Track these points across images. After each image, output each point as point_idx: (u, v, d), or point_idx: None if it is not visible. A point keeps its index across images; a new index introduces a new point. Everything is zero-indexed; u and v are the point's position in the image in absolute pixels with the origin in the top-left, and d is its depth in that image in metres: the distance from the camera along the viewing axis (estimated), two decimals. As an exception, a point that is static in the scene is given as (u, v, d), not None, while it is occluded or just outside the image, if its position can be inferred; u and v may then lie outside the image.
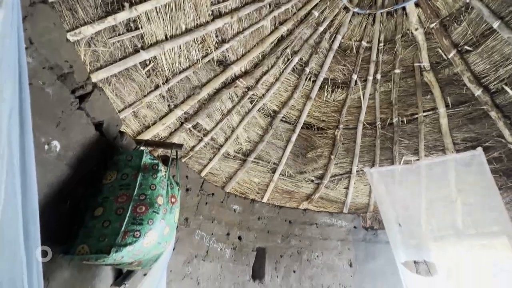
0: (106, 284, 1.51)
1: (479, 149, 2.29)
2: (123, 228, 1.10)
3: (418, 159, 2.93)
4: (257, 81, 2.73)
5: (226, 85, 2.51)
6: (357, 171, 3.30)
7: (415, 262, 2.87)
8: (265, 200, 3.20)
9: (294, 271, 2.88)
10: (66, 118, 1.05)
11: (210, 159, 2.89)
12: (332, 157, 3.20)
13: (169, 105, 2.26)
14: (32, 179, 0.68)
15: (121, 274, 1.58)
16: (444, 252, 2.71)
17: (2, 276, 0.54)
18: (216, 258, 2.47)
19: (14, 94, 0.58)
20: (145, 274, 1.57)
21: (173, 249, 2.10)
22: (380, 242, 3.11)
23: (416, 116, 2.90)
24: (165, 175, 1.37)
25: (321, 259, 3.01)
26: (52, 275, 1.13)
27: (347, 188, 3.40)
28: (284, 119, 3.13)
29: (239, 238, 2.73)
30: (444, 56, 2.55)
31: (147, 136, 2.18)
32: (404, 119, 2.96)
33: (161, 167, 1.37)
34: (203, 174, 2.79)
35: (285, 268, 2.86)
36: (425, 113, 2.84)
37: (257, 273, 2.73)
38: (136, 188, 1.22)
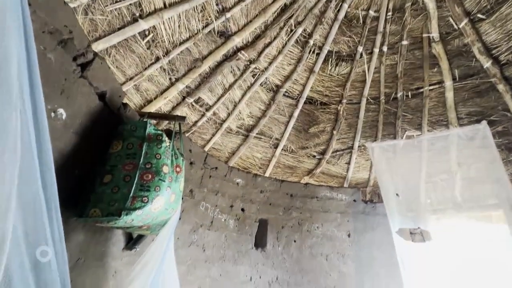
0: (118, 248, 1.61)
1: (484, 122, 2.28)
2: (131, 194, 1.15)
3: (420, 134, 2.92)
4: (259, 54, 2.66)
5: (227, 57, 2.45)
6: (358, 146, 3.32)
7: (410, 230, 2.98)
8: (267, 175, 3.27)
9: (294, 241, 3.02)
10: (69, 86, 1.06)
11: (213, 135, 2.91)
12: (335, 132, 3.20)
13: (170, 79, 2.24)
14: (46, 139, 0.67)
15: (132, 239, 1.67)
16: (440, 223, 2.80)
17: (27, 229, 0.57)
18: (221, 228, 2.58)
19: (21, 54, 0.57)
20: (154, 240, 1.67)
21: (180, 218, 2.21)
22: (379, 215, 3.21)
23: (422, 90, 2.84)
24: (169, 145, 1.40)
25: (320, 230, 3.13)
26: (68, 238, 1.20)
27: (348, 163, 3.44)
28: (286, 94, 3.10)
29: (242, 210, 2.84)
30: (455, 26, 2.44)
31: (149, 110, 2.18)
32: (409, 93, 2.91)
33: (165, 138, 1.40)
34: (206, 149, 2.83)
35: (286, 238, 3.00)
36: (431, 87, 2.78)
37: (260, 242, 2.87)
38: (142, 157, 1.26)
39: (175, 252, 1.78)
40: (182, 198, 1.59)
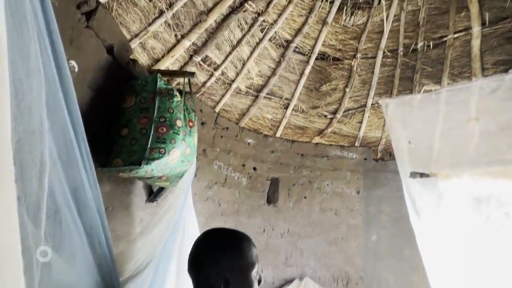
0: (142, 200, 1.74)
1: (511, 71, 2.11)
2: (149, 145, 1.20)
3: (439, 88, 2.77)
4: (268, 4, 2.47)
5: (234, 9, 2.30)
6: (372, 104, 3.21)
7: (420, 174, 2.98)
8: (278, 135, 3.28)
9: (305, 197, 3.15)
10: (77, 37, 1.04)
11: (222, 96, 2.88)
12: (347, 90, 3.09)
13: (176, 35, 2.15)
14: (70, 88, 0.67)
15: (153, 192, 1.80)
16: (451, 180, 2.80)
17: (70, 184, 0.59)
18: (234, 185, 2.71)
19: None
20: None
21: (195, 175, 2.32)
22: (389, 172, 3.24)
23: (445, 38, 2.61)
24: (180, 100, 1.41)
25: (330, 187, 3.23)
26: (95, 187, 1.31)
27: (360, 122, 3.38)
28: (297, 49, 2.94)
29: (254, 169, 2.93)
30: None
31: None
32: (431, 43, 2.69)
33: (176, 93, 1.40)
34: (216, 110, 2.82)
35: (297, 195, 3.13)
36: (456, 35, 2.54)
37: (271, 199, 3.01)
38: (156, 111, 1.28)
39: (193, 206, 1.90)
40: (197, 157, 1.65)
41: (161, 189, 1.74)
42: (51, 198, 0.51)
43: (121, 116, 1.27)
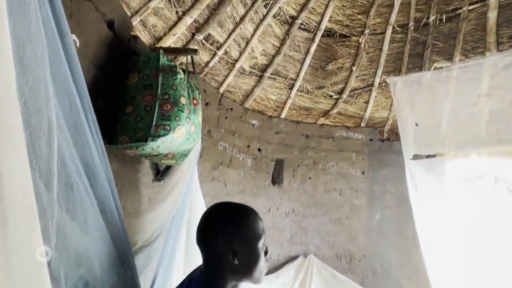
0: (149, 179, 1.78)
1: (528, 44, 2.01)
2: (154, 123, 1.20)
3: (450, 65, 2.67)
4: (272, -22, 2.35)
5: (236, -17, 2.20)
6: (379, 83, 3.13)
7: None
8: (282, 117, 3.25)
9: (309, 178, 3.17)
10: (76, 9, 1.01)
11: (226, 76, 2.83)
12: (354, 68, 3.00)
13: (176, 12, 2.08)
14: (75, 63, 0.65)
15: (159, 172, 1.82)
16: (457, 159, 2.77)
17: (79, 152, 0.59)
18: (239, 166, 2.73)
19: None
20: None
21: (200, 156, 2.34)
22: (394, 153, 3.22)
23: (459, 11, 2.47)
24: (184, 77, 1.39)
25: (335, 168, 3.24)
26: (103, 165, 1.33)
27: (367, 102, 3.31)
28: (302, 26, 2.83)
29: (259, 150, 2.94)
30: None
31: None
32: (444, 16, 2.55)
33: (179, 70, 1.38)
34: (220, 91, 2.79)
35: (301, 176, 3.15)
36: (471, 6, 2.40)
37: (276, 179, 3.04)
38: (159, 88, 1.27)
39: (199, 186, 1.93)
40: (201, 138, 1.66)
41: (168, 168, 1.77)
42: (61, 162, 0.52)
43: (125, 93, 1.26)
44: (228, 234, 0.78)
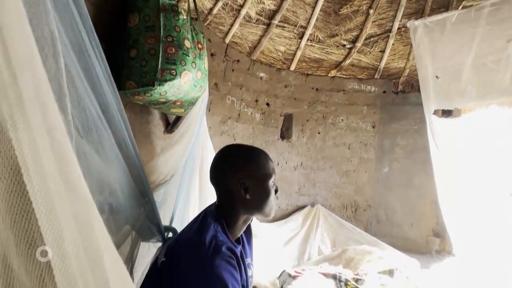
0: (160, 130, 1.82)
1: None
2: (159, 66, 1.18)
3: (481, 2, 2.37)
4: None
5: None
6: (398, 28, 2.86)
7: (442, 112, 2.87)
8: (291, 69, 3.11)
9: (319, 133, 3.16)
10: None
11: (231, 25, 2.65)
12: (371, 11, 2.73)
13: None
14: (82, 4, 0.61)
15: (169, 124, 1.86)
16: (478, 110, 2.65)
17: (86, 76, 0.59)
18: (248, 120, 2.73)
19: None
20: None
21: (209, 110, 2.34)
22: (409, 105, 3.11)
23: None
24: (186, 19, 1.31)
25: (345, 122, 3.19)
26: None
27: (383, 51, 3.09)
28: (315, -39, 2.52)
29: (267, 104, 2.89)
30: None
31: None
32: None
33: (181, 10, 1.29)
34: (226, 41, 2.65)
35: (310, 130, 3.14)
36: None
37: (285, 134, 3.05)
38: (162, 30, 1.21)
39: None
40: (209, 91, 1.62)
41: (177, 120, 1.79)
42: (71, 85, 0.52)
43: (127, 37, 1.22)
44: (240, 171, 0.81)
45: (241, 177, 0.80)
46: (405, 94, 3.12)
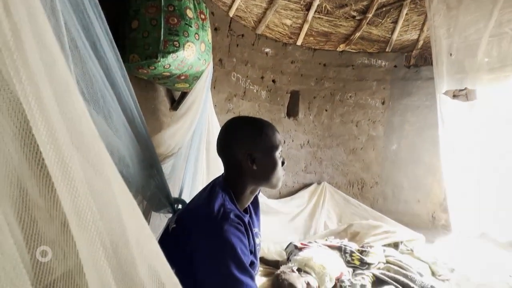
0: (166, 107, 1.81)
1: None
2: (162, 38, 1.15)
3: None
4: None
5: None
6: (413, -5, 2.68)
7: (454, 93, 2.79)
8: (298, 44, 2.99)
9: (326, 110, 3.10)
10: None
11: (234, -3, 2.53)
12: (384, -23, 2.54)
13: None
14: None
15: (175, 101, 1.84)
16: (492, 84, 2.53)
17: (88, 39, 0.57)
18: (253, 98, 2.69)
19: None
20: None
21: (214, 87, 2.31)
22: (420, 79, 2.99)
23: None
24: (188, -14, 1.25)
25: (353, 99, 3.11)
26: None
27: (395, 22, 2.92)
28: None
29: (273, 81, 2.83)
30: None
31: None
32: None
33: (182, -23, 1.23)
34: (229, 15, 2.54)
35: (317, 108, 3.08)
36: None
37: (292, 112, 3.01)
38: (162, -2, 1.16)
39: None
40: (213, 67, 1.58)
41: (183, 97, 1.77)
42: (73, 46, 0.51)
43: (128, 7, 1.18)
44: (246, 142, 0.80)
45: (248, 148, 0.80)
46: (418, 68, 2.99)
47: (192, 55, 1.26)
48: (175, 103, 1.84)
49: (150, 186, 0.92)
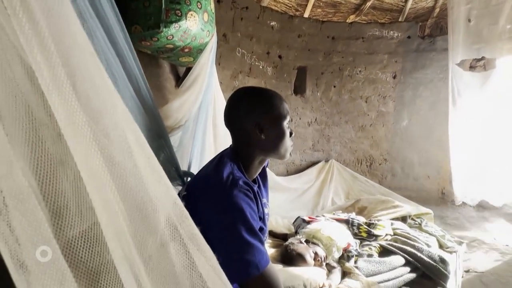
0: (171, 84, 1.79)
1: None
2: (163, 6, 1.10)
3: None
4: None
5: None
6: (431, -43, 2.47)
7: (471, 64, 2.65)
8: (305, 16, 2.85)
9: (334, 86, 3.01)
10: None
11: (237, -34, 2.39)
12: None
13: None
14: None
15: (179, 78, 1.82)
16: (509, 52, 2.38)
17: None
18: (259, 75, 2.63)
19: None
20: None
21: (219, 64, 2.26)
22: (435, 50, 2.83)
23: None
24: (187, -50, 1.17)
25: (363, 74, 3.00)
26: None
27: (410, -12, 2.73)
28: None
29: (279, 57, 2.74)
30: None
31: None
32: None
33: None
34: (232, -13, 2.42)
35: (325, 84, 2.99)
36: None
37: (299, 89, 2.94)
38: (162, -37, 1.10)
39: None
40: (218, 43, 1.52)
41: (187, 73, 1.74)
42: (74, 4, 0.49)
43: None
44: (254, 112, 0.78)
45: (256, 117, 0.78)
46: (433, 38, 2.82)
47: (195, 25, 1.22)
48: (180, 80, 1.82)
49: (159, 157, 0.93)
